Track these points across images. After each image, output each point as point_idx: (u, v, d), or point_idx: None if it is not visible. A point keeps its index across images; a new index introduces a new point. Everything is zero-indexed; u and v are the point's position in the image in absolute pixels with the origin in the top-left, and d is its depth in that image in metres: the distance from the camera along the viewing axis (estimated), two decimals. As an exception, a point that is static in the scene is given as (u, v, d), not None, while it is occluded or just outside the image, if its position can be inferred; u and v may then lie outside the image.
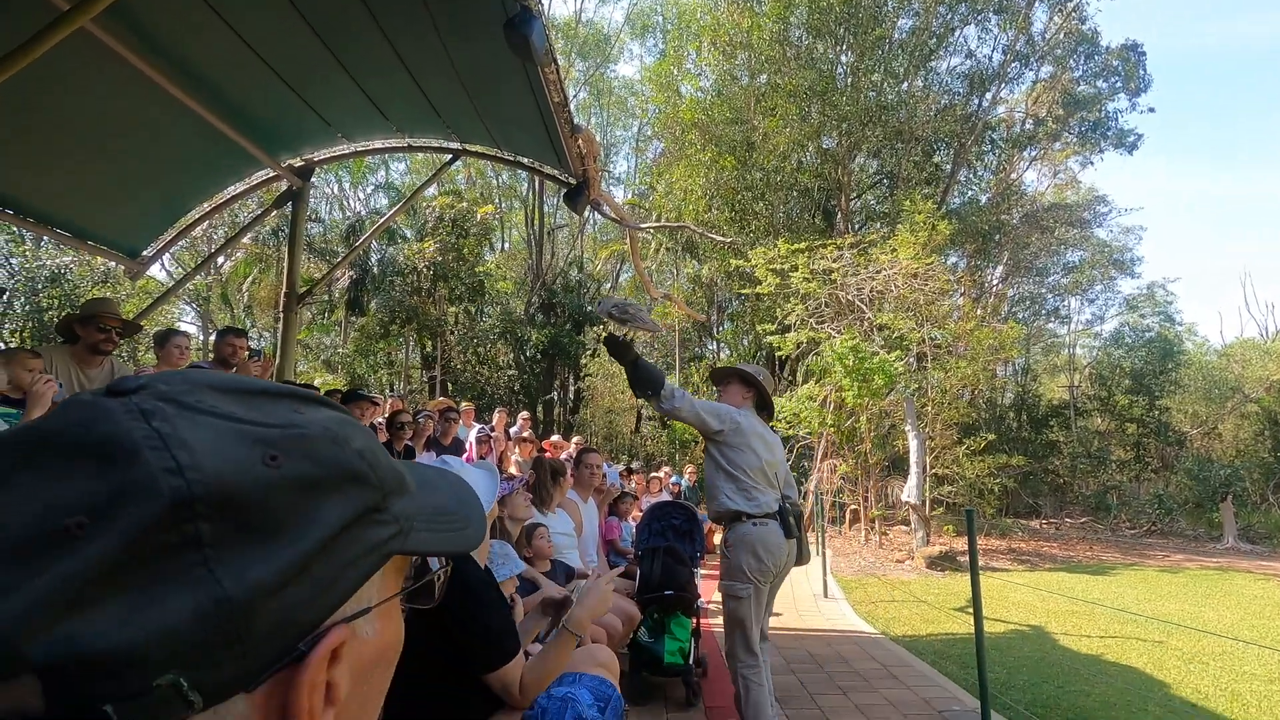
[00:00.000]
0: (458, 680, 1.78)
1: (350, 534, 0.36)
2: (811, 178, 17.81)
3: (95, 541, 0.29)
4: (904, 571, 10.03)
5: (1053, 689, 4.45)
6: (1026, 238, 20.62)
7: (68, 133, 4.93)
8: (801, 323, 13.06)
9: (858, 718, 3.59)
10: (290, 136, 6.00)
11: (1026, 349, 22.26)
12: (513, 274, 23.35)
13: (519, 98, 4.90)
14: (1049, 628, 6.50)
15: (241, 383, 0.37)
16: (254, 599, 0.32)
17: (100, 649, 0.29)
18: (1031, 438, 21.35)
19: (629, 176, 29.03)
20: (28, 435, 0.32)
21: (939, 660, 4.91)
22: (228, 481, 0.32)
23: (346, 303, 17.38)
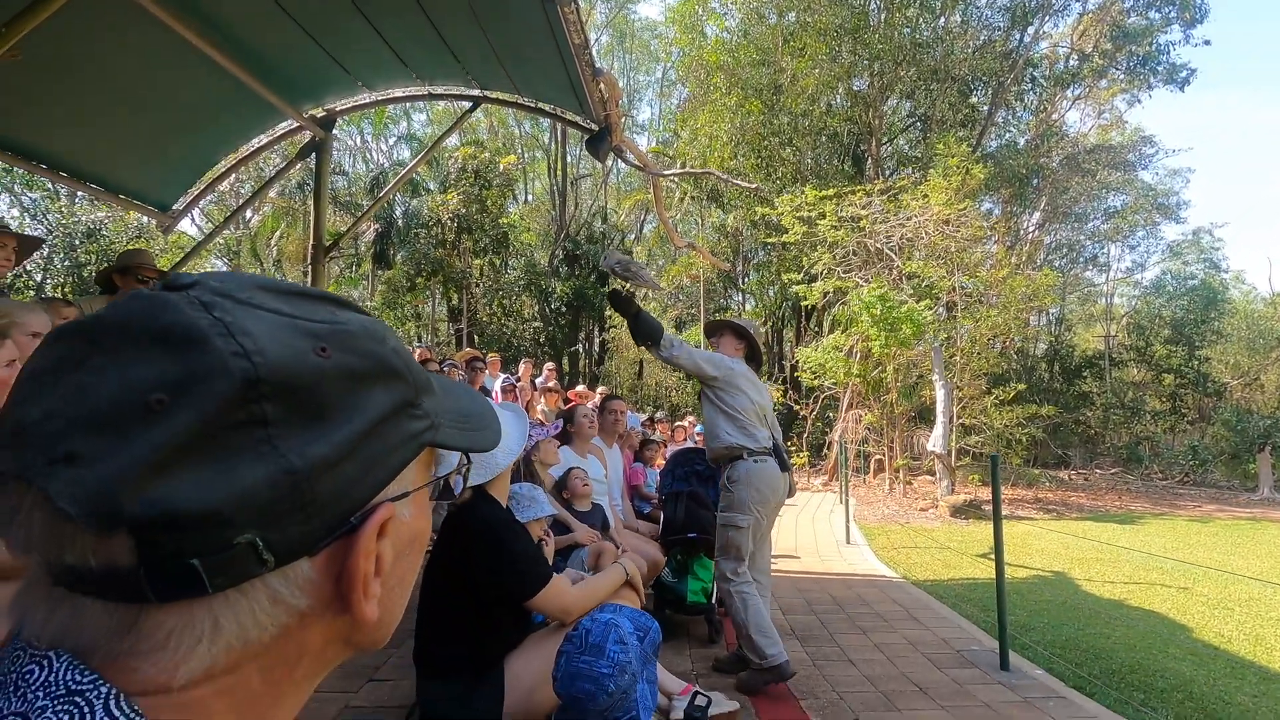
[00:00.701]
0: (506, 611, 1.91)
1: (390, 423, 0.39)
2: (841, 122, 17.25)
3: (176, 415, 0.32)
4: (928, 520, 10.08)
5: (1073, 630, 4.50)
6: (1066, 182, 19.86)
7: (97, 87, 4.97)
8: (828, 272, 12.86)
9: (876, 655, 3.68)
10: (311, 86, 5.97)
11: (1062, 298, 21.71)
12: (537, 225, 23.26)
13: (539, 40, 4.79)
14: (1072, 574, 6.53)
15: (285, 284, 0.40)
16: (315, 472, 0.35)
17: (188, 508, 0.31)
18: (1063, 388, 21.02)
19: (653, 123, 28.43)
20: (96, 324, 0.34)
21: (959, 603, 4.98)
22: (286, 368, 0.35)
23: (373, 256, 17.53)
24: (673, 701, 2.51)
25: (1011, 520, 10.07)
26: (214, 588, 0.32)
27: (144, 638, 0.33)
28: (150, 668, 0.33)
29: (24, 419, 0.32)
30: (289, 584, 0.36)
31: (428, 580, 2.01)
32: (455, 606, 1.93)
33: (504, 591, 1.90)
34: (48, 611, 0.33)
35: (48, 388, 0.33)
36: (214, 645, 0.34)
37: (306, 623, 0.37)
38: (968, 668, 3.54)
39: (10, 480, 0.32)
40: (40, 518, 0.32)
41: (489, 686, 1.88)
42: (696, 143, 17.46)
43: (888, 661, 3.59)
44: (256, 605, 0.35)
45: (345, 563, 0.37)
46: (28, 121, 4.91)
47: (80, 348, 0.34)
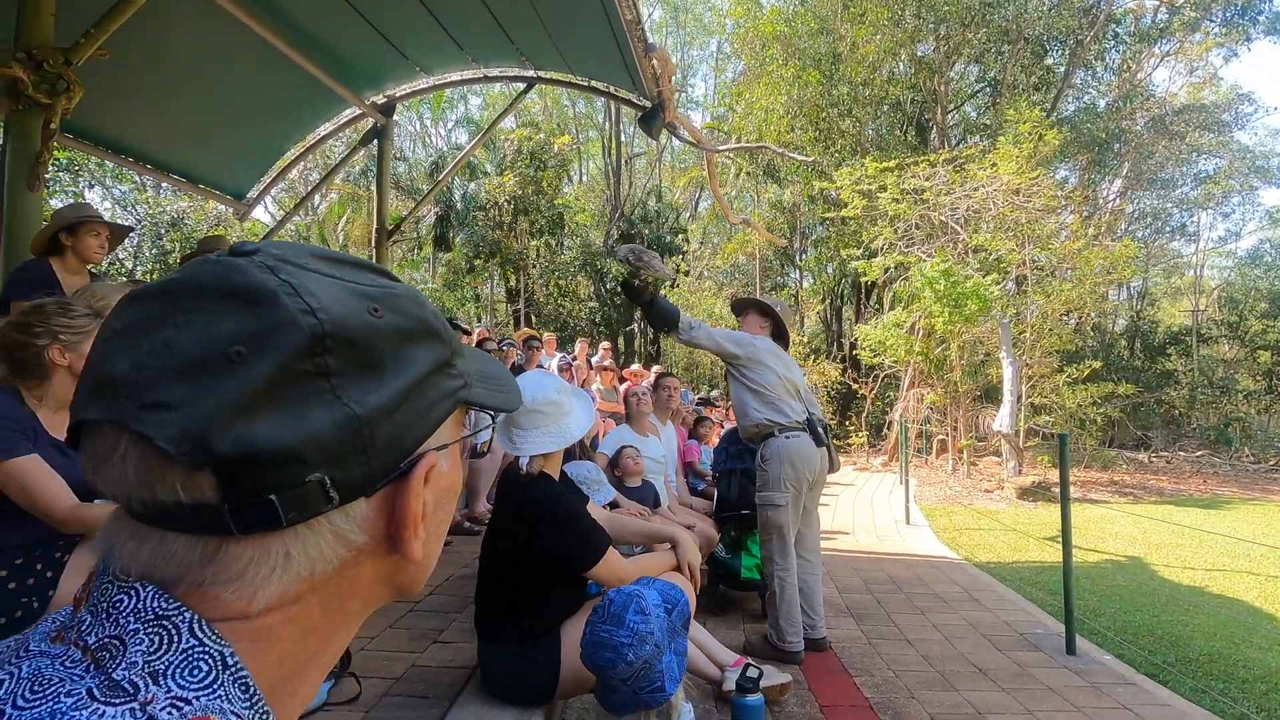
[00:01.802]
0: (563, 580, 1.99)
1: (432, 379, 0.43)
2: (904, 90, 16.58)
3: (254, 365, 0.35)
4: (993, 501, 9.78)
5: (1147, 617, 4.32)
6: (1151, 146, 18.58)
7: (177, 83, 5.25)
8: (889, 246, 12.48)
9: (934, 635, 3.63)
10: (372, 73, 6.15)
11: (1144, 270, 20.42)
12: (591, 205, 23.33)
13: (591, 18, 4.79)
14: (1149, 559, 6.24)
15: (333, 253, 0.44)
16: (373, 418, 0.38)
17: (267, 447, 0.34)
18: (1144, 366, 19.87)
19: (707, 99, 27.97)
20: (173, 285, 0.38)
21: (1024, 586, 4.84)
22: (346, 324, 0.38)
23: (433, 239, 17.97)
24: (725, 673, 2.55)
25: (1084, 503, 9.65)
26: (288, 522, 0.36)
27: (224, 567, 0.36)
28: (230, 595, 0.37)
29: (113, 371, 0.35)
30: (350, 521, 0.39)
31: (487, 551, 2.09)
32: (514, 576, 2.00)
33: (563, 562, 1.97)
34: (136, 546, 0.37)
35: (133, 344, 0.36)
36: (285, 575, 0.38)
37: (361, 559, 0.41)
38: (1031, 650, 3.45)
39: (105, 426, 0.35)
40: (135, 457, 0.35)
41: (545, 652, 1.96)
42: (752, 117, 17.11)
43: (946, 642, 3.54)
44: (322, 540, 0.38)
45: (397, 504, 0.41)
46: (117, 117, 5.23)
47: (159, 307, 0.37)
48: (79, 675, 0.34)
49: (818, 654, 3.22)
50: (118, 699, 0.33)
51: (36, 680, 0.33)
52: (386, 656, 2.33)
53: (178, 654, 0.35)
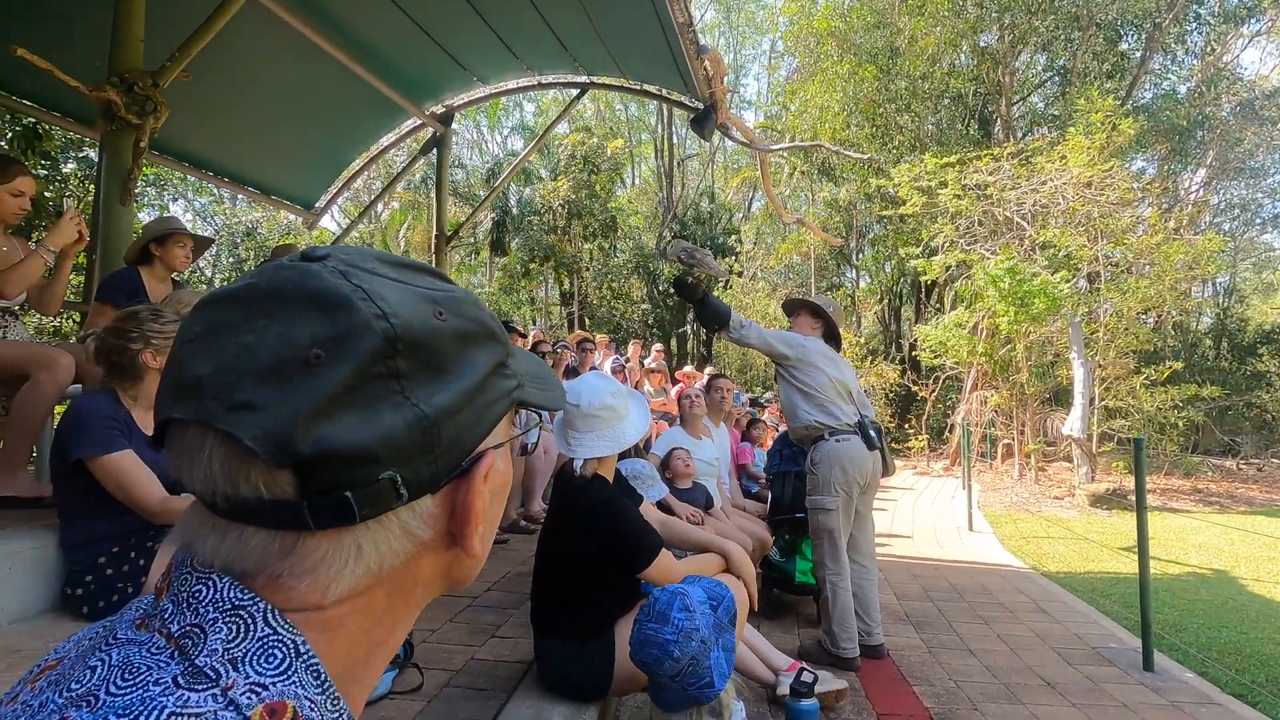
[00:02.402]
0: (617, 580, 2.02)
1: (491, 380, 0.44)
2: (965, 82, 16.04)
3: (332, 368, 0.36)
4: (1063, 509, 9.35)
5: (1234, 634, 4.06)
6: (1239, 132, 17.39)
7: (251, 99, 5.54)
8: (951, 244, 12.09)
9: (999, 646, 3.50)
10: (431, 84, 6.34)
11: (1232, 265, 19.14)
12: (644, 208, 23.43)
13: (643, 22, 4.82)
14: (1236, 572, 5.85)
15: (396, 258, 0.46)
16: (440, 418, 0.40)
17: (344, 447, 0.36)
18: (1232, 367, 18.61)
19: (759, 98, 27.73)
20: (250, 290, 0.40)
21: (1097, 598, 4.62)
22: (415, 328, 0.39)
23: (490, 244, 18.37)
24: (779, 677, 2.52)
25: (1164, 512, 9.13)
26: (361, 518, 0.38)
27: (300, 561, 0.38)
28: (305, 587, 0.39)
29: (197, 373, 0.37)
30: (416, 517, 0.41)
31: (542, 550, 2.13)
32: (568, 575, 2.04)
33: (616, 562, 2.00)
34: (217, 540, 0.38)
35: (215, 346, 0.38)
36: (356, 569, 0.39)
37: (424, 553, 0.43)
38: (1104, 665, 3.29)
39: (191, 425, 0.37)
40: (221, 455, 0.36)
41: (599, 649, 1.99)
42: (806, 115, 16.85)
43: (1011, 653, 3.41)
44: (391, 535, 0.40)
45: (459, 501, 0.43)
46: (198, 133, 5.55)
47: (238, 311, 0.39)
48: (164, 662, 0.36)
49: (875, 661, 3.16)
50: (201, 685, 0.35)
51: (127, 667, 0.36)
52: (447, 649, 2.40)
53: (254, 642, 0.37)
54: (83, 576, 1.89)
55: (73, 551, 1.92)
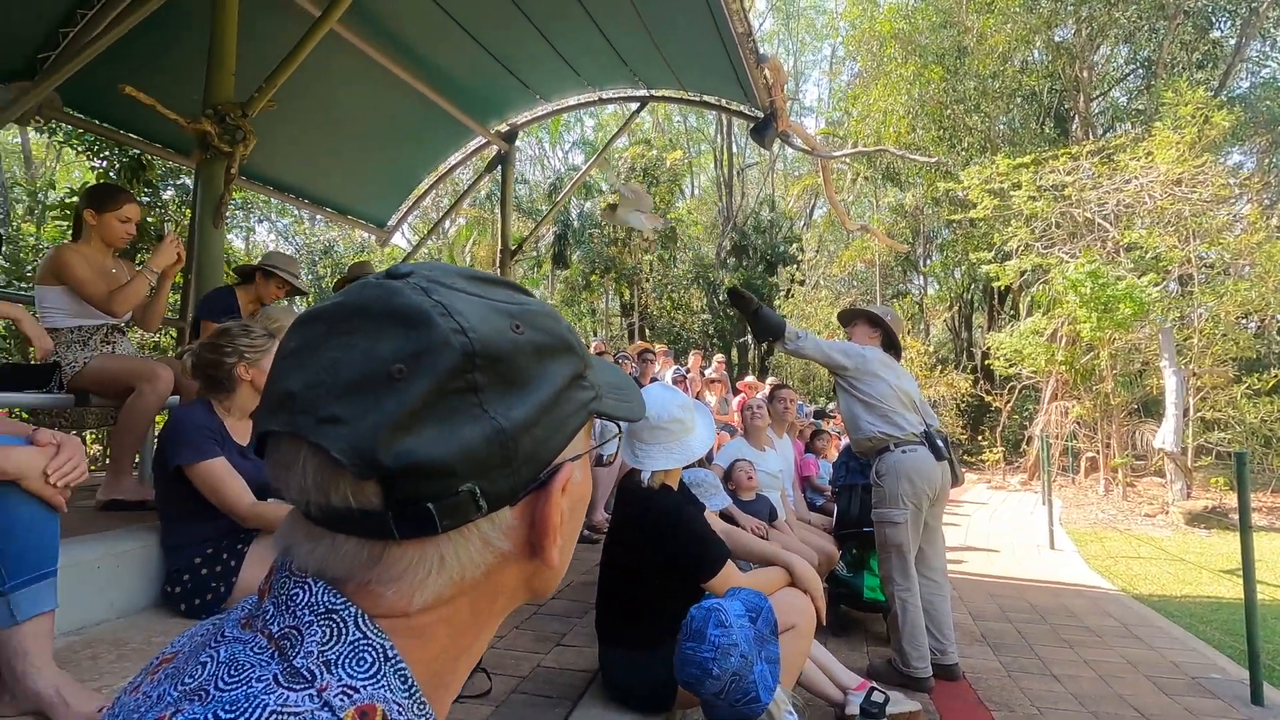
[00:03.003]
0: (680, 589, 2.01)
1: (568, 392, 0.44)
2: (1039, 79, 15.39)
3: (414, 383, 0.38)
4: (1155, 527, 8.75)
5: (1357, 669, 3.69)
6: (1350, 121, 16.04)
7: (329, 126, 5.85)
8: (1025, 248, 11.57)
9: (1085, 672, 3.30)
10: (496, 104, 6.54)
11: (1345, 264, 17.52)
12: (703, 218, 23.41)
13: (702, 34, 4.85)
14: (1359, 601, 5.33)
15: (477, 272, 0.47)
16: (518, 431, 0.40)
17: (426, 460, 0.37)
18: (1348, 375, 17.06)
19: (820, 104, 27.35)
20: (338, 308, 0.41)
21: (1196, 624, 4.30)
22: (492, 342, 0.40)
23: (552, 257, 18.73)
24: (848, 696, 2.45)
25: (1272, 532, 8.43)
26: (443, 529, 0.39)
27: (387, 569, 0.40)
28: (392, 595, 0.40)
29: (290, 388, 0.39)
30: (496, 529, 0.42)
31: (607, 560, 2.15)
32: (633, 585, 2.04)
33: (681, 572, 1.99)
34: (311, 546, 0.40)
35: (306, 362, 0.39)
36: (439, 578, 0.41)
37: (505, 564, 0.44)
38: (1206, 697, 3.06)
39: (286, 437, 0.39)
40: (313, 467, 0.38)
41: (663, 661, 1.98)
42: (869, 119, 16.51)
43: (1100, 680, 3.21)
44: (472, 546, 0.41)
45: (538, 512, 0.44)
46: (280, 158, 5.89)
47: (326, 328, 0.41)
48: (266, 661, 0.38)
49: (949, 683, 3.03)
50: (298, 685, 0.36)
51: (233, 664, 0.38)
52: (514, 656, 2.44)
53: (346, 645, 0.38)
54: (180, 576, 2.02)
55: (172, 552, 2.06)
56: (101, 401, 2.73)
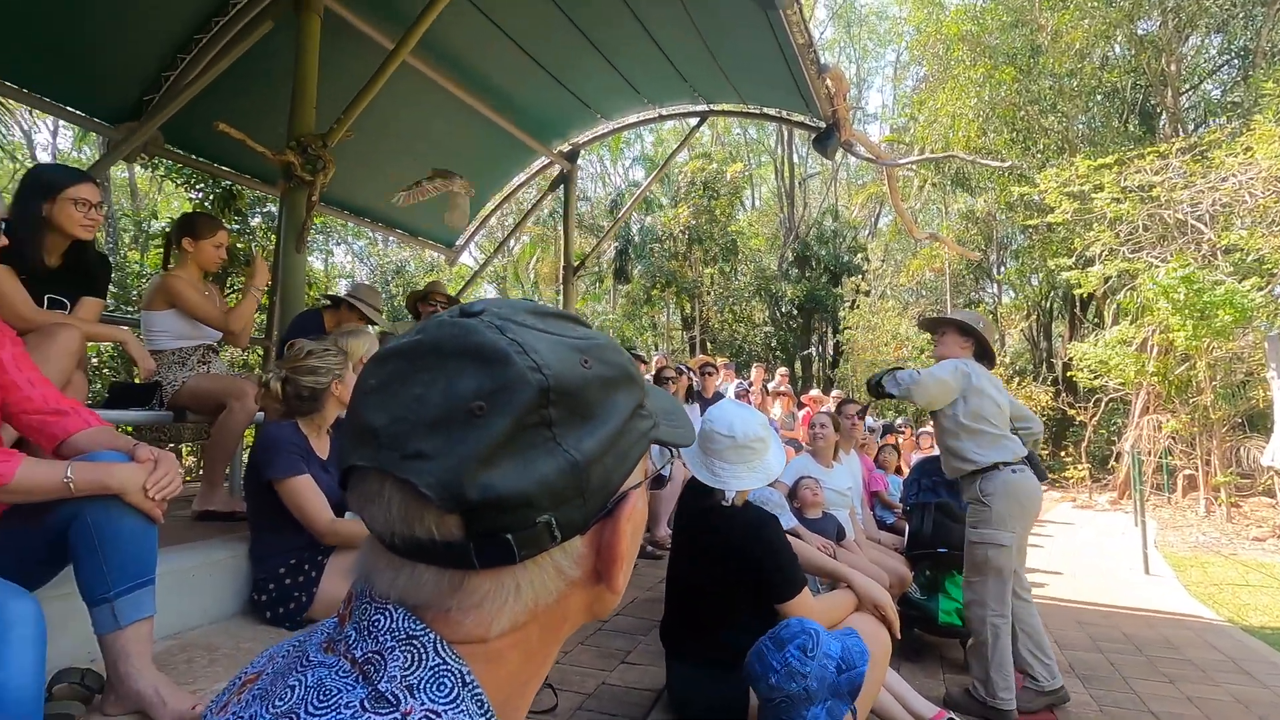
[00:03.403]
0: (755, 607, 1.98)
1: (632, 422, 0.46)
2: (1121, 75, 14.62)
3: (494, 419, 0.39)
4: (1265, 552, 8.06)
5: None
6: None
7: (400, 149, 6.11)
8: (1110, 253, 10.96)
9: (1188, 710, 3.05)
10: (558, 124, 6.69)
11: None
12: (765, 230, 23.21)
13: (761, 47, 4.83)
14: None
15: (543, 307, 0.48)
16: (590, 463, 0.42)
17: (507, 493, 0.39)
18: None
19: (885, 111, 26.78)
20: (417, 345, 0.43)
21: (1317, 661, 3.92)
22: (565, 377, 0.41)
23: (613, 272, 18.94)
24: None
25: (1404, 561, 7.62)
26: (520, 558, 0.40)
27: (466, 597, 0.41)
28: (470, 621, 0.42)
29: (374, 424, 0.41)
30: (568, 557, 0.43)
31: (675, 574, 2.13)
32: (707, 600, 2.02)
33: (758, 591, 1.95)
34: (393, 575, 0.42)
35: (389, 399, 0.41)
36: (516, 605, 0.42)
37: (573, 590, 0.45)
38: (1331, 743, 2.78)
39: (370, 472, 0.41)
40: (398, 500, 0.40)
41: (736, 677, 1.95)
42: (937, 124, 16.03)
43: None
44: (546, 574, 0.43)
45: (605, 540, 0.45)
46: (357, 184, 6.18)
47: (407, 366, 0.42)
48: (351, 685, 0.39)
49: (1033, 716, 2.86)
50: (384, 709, 0.38)
51: (321, 689, 0.40)
52: (578, 672, 2.45)
53: (427, 670, 0.40)
54: (266, 584, 2.13)
55: (259, 562, 2.17)
56: (196, 417, 2.91)
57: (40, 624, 1.27)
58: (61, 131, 15.17)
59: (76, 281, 2.38)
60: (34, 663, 1.24)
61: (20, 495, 1.39)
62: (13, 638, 1.22)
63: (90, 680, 1.59)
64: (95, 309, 2.45)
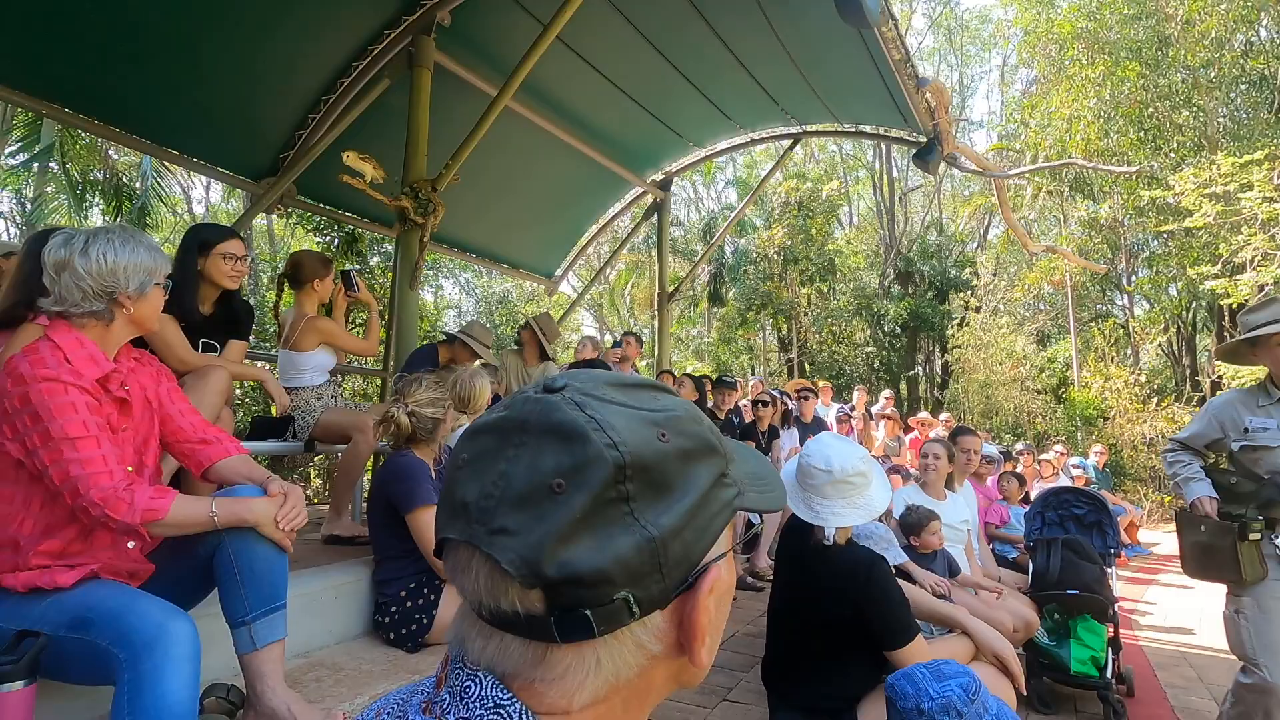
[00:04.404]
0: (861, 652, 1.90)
1: (713, 492, 0.46)
2: (1270, 61, 13.20)
3: (573, 497, 0.40)
4: None
5: None
6: None
7: (501, 187, 6.43)
8: (1264, 258, 9.83)
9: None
10: (651, 155, 6.83)
11: None
12: (864, 247, 22.51)
13: (855, 65, 4.75)
14: None
15: (621, 378, 0.49)
16: (668, 538, 0.42)
17: (585, 570, 0.40)
18: None
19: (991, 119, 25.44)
20: (504, 421, 0.45)
21: None
22: (641, 453, 0.42)
23: (708, 295, 18.93)
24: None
25: None
26: (599, 633, 0.41)
27: (549, 669, 0.42)
28: (554, 693, 0.43)
29: (465, 497, 0.43)
30: (648, 632, 0.44)
31: (778, 613, 2.06)
32: (812, 643, 1.95)
33: (868, 636, 1.87)
34: (483, 643, 0.44)
35: (478, 474, 0.43)
36: (596, 679, 0.43)
37: (655, 663, 0.45)
38: None
39: (461, 544, 0.43)
40: (484, 573, 0.42)
41: (840, 727, 1.87)
42: (1051, 128, 15.03)
43: None
44: (625, 649, 0.43)
45: (686, 615, 0.45)
46: (462, 222, 6.55)
47: (495, 442, 0.44)
48: None
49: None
50: None
51: None
52: (680, 709, 2.42)
53: None
54: (390, 608, 2.27)
55: (382, 586, 2.32)
56: (325, 447, 3.16)
57: (195, 642, 1.41)
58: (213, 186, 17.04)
59: (225, 327, 2.66)
60: (190, 677, 1.37)
61: (173, 529, 1.55)
62: (174, 655, 1.36)
63: (234, 695, 1.74)
64: (241, 351, 2.73)
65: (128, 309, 1.58)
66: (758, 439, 5.52)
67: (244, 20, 4.14)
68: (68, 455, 1.42)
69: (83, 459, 1.43)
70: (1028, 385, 16.23)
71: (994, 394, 16.74)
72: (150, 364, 1.76)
